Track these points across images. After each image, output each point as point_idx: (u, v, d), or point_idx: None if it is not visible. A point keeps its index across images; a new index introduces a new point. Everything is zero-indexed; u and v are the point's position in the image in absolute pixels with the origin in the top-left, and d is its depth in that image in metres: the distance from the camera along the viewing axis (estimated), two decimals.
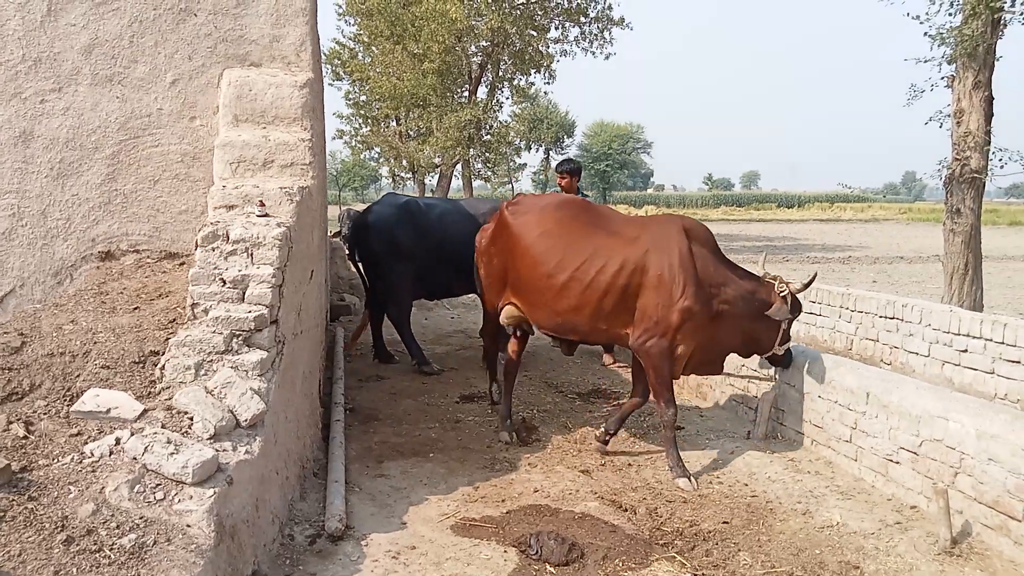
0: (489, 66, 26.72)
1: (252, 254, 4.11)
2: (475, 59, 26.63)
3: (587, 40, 26.11)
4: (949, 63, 8.65)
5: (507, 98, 28.90)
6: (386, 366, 7.88)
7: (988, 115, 8.34)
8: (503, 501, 4.51)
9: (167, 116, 5.08)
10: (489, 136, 26.88)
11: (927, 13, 8.30)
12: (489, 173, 29.11)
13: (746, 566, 3.80)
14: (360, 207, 10.97)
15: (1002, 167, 8.12)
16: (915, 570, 3.74)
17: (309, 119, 5.01)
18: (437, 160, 27.72)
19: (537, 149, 61.56)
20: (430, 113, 25.33)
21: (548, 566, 3.72)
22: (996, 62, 8.22)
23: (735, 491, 4.75)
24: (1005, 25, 8.07)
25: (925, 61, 8.69)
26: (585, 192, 8.18)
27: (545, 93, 51.13)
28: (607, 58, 26.65)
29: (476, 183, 30.72)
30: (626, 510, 4.46)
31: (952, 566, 3.75)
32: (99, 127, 5.00)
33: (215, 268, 4.07)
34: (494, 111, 26.84)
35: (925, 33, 8.23)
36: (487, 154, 27.83)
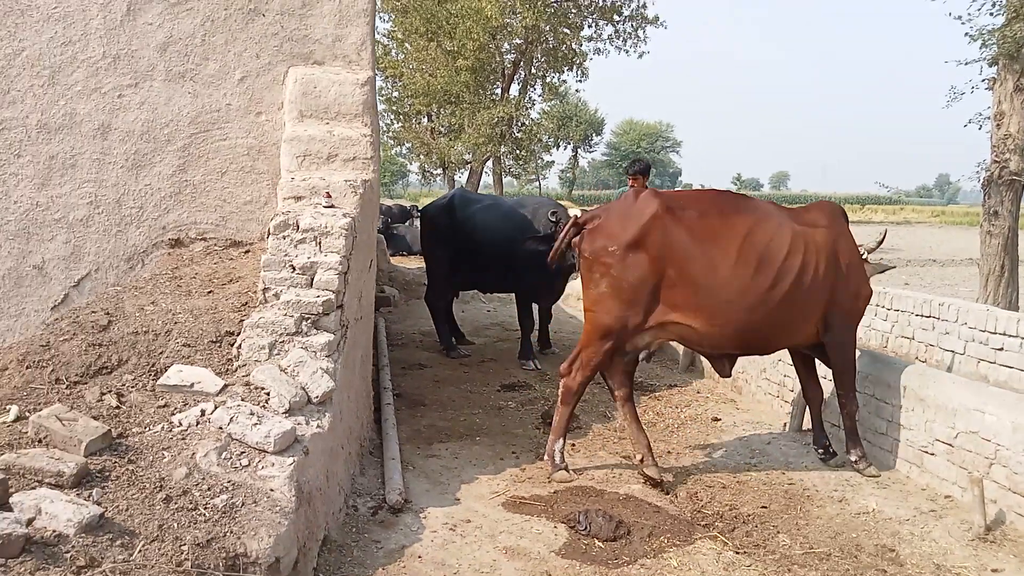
0: (522, 63, 26.93)
1: (320, 242, 4.37)
2: (508, 56, 26.88)
3: (620, 38, 26.23)
4: (990, 65, 8.71)
5: (539, 95, 29.03)
6: (427, 355, 8.13)
7: None
8: (549, 482, 4.72)
9: (235, 111, 5.36)
10: (520, 134, 27.08)
11: (969, 13, 8.36)
12: (520, 170, 29.31)
13: (785, 546, 3.99)
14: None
15: None
16: (949, 554, 3.90)
17: (369, 115, 5.26)
18: (468, 157, 27.97)
19: (565, 147, 61.70)
20: (463, 110, 25.57)
21: (597, 541, 3.94)
22: None
23: (772, 479, 4.92)
24: None
25: (967, 63, 8.76)
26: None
27: (577, 91, 51.09)
28: (640, 56, 26.69)
29: (505, 180, 30.94)
30: (667, 493, 4.65)
31: (986, 551, 3.91)
32: (171, 121, 5.28)
33: (286, 255, 4.33)
34: (526, 108, 27.02)
35: (966, 33, 8.30)
36: (518, 151, 28.07)
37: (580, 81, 27.58)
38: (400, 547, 3.75)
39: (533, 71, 27.64)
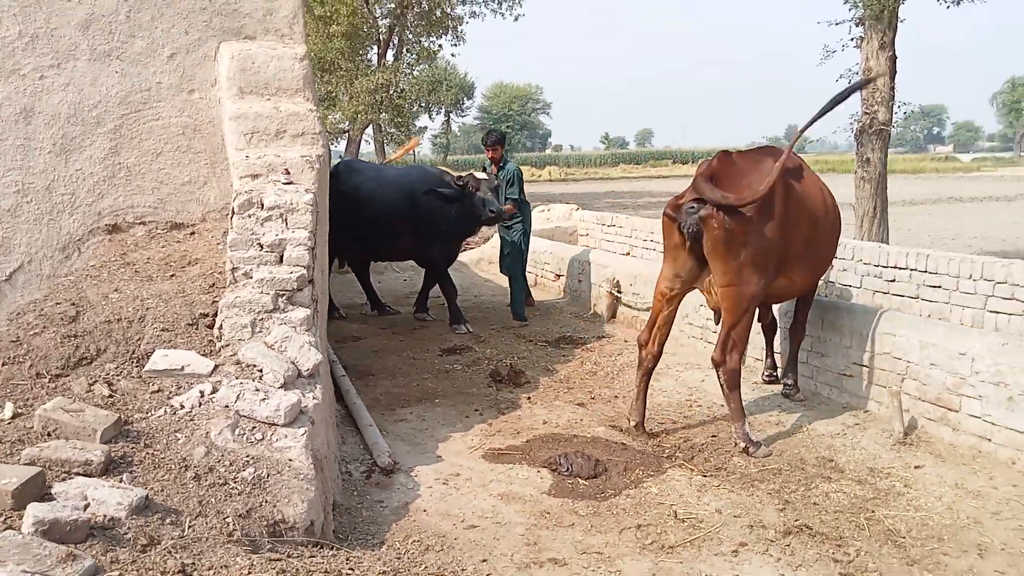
0: (397, 28, 26.55)
1: (287, 219, 4.41)
2: (383, 22, 26.43)
3: (496, 1, 26.37)
4: (857, 25, 9.54)
5: (415, 58, 28.71)
6: (358, 327, 8.20)
7: (893, 73, 9.29)
8: (518, 433, 5.02)
9: (166, 89, 5.21)
10: (400, 100, 26.78)
11: None
12: (403, 137, 29.02)
13: (742, 467, 4.47)
14: None
15: (904, 116, 9.09)
16: (878, 458, 4.51)
17: (310, 90, 5.26)
18: (345, 125, 27.42)
19: (438, 112, 61.25)
20: (339, 78, 25.01)
21: (580, 479, 4.28)
22: (899, 24, 9.15)
23: (714, 412, 5.42)
24: None
25: (837, 24, 9.54)
26: (508, 159, 8.56)
27: (453, 55, 50.66)
28: (516, 20, 27.00)
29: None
30: (626, 432, 5.05)
31: (907, 452, 4.55)
32: (100, 102, 5.08)
33: (252, 234, 4.35)
34: (405, 74, 26.72)
35: None
36: (399, 118, 27.80)
37: (455, 45, 27.43)
38: (404, 504, 3.95)
39: (408, 36, 27.35)
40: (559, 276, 9.55)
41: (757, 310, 5.20)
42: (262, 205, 4.41)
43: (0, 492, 2.56)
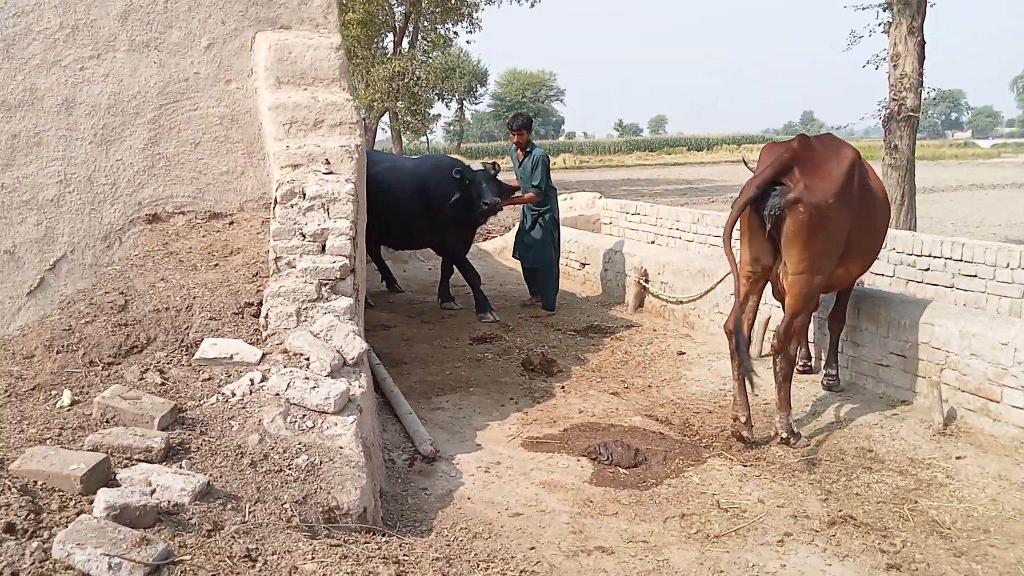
0: (413, 16, 26.50)
1: (328, 209, 4.44)
2: (399, 9, 26.39)
3: None
4: (884, 10, 9.44)
5: (430, 46, 28.64)
6: (387, 315, 8.24)
7: (921, 58, 9.19)
8: (555, 421, 5.05)
9: (204, 80, 5.25)
10: (417, 88, 26.75)
11: None
12: (418, 125, 29.02)
13: (781, 457, 4.48)
14: None
15: (935, 102, 9.00)
16: (918, 449, 4.50)
17: (345, 79, 5.28)
18: (361, 114, 27.41)
19: (451, 100, 61.09)
20: (356, 65, 24.99)
21: (620, 468, 4.30)
22: (928, 9, 9.04)
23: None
24: None
25: (864, 8, 9.45)
26: (534, 145, 8.26)
27: (468, 42, 50.54)
28: (532, 6, 26.90)
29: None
30: (663, 421, 5.07)
31: (948, 443, 4.53)
32: (139, 92, 5.12)
33: (295, 223, 4.38)
34: (421, 62, 26.69)
35: None
36: (415, 106, 27.77)
37: (471, 32, 27.36)
38: (448, 491, 3.99)
39: (424, 23, 27.29)
40: (584, 265, 9.55)
41: None
42: (304, 195, 4.44)
43: (69, 477, 2.61)
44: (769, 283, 4.85)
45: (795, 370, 5.85)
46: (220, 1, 5.23)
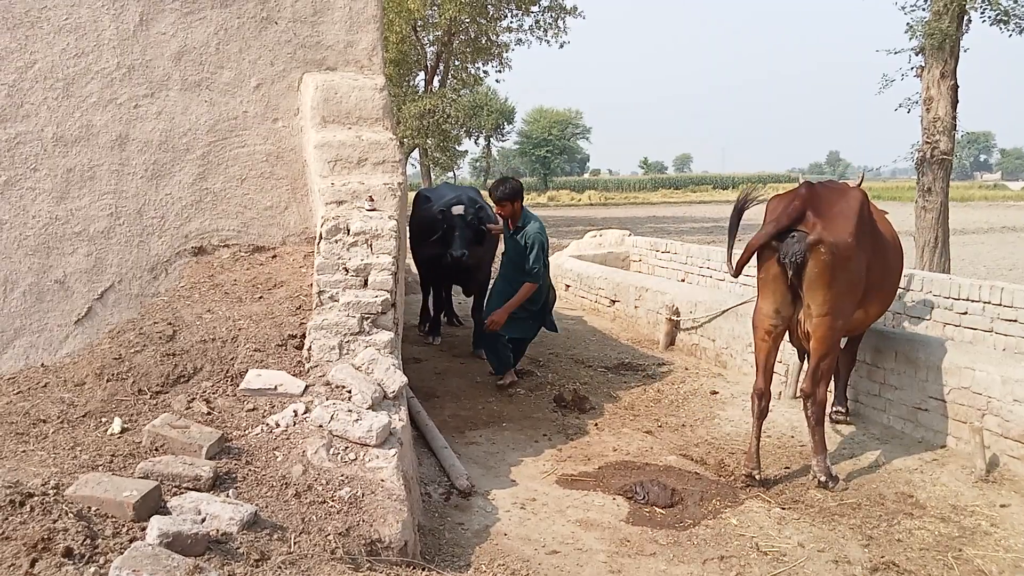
0: (444, 55, 27.03)
1: (371, 245, 4.54)
2: (431, 49, 26.96)
3: (541, 29, 26.70)
4: (916, 54, 9.49)
5: (460, 84, 29.13)
6: (419, 349, 8.29)
7: (954, 102, 9.21)
8: (589, 459, 5.04)
9: (252, 118, 5.41)
10: (447, 125, 27.18)
11: (903, 8, 9.11)
12: (448, 162, 29.42)
13: (820, 500, 4.44)
14: None
15: (964, 144, 8.99)
16: (960, 495, 4.43)
17: (389, 119, 5.41)
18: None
19: (478, 137, 61.89)
20: None
21: (657, 508, 4.28)
22: (962, 54, 9.08)
23: (784, 442, 5.39)
24: (970, 21, 8.92)
25: (896, 52, 9.50)
26: (529, 217, 6.47)
27: (497, 81, 51.28)
28: (561, 47, 27.30)
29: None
30: (698, 461, 5.04)
31: (991, 490, 4.46)
32: (189, 130, 5.29)
33: (339, 258, 4.48)
34: (451, 100, 27.15)
35: (908, 24, 9.03)
36: (445, 143, 28.20)
37: (500, 72, 27.82)
38: (484, 527, 3.99)
39: (455, 62, 27.81)
40: (614, 302, 9.57)
41: None
42: (348, 231, 4.54)
43: (122, 504, 2.67)
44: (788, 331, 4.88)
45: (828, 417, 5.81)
46: (270, 43, 5.41)
